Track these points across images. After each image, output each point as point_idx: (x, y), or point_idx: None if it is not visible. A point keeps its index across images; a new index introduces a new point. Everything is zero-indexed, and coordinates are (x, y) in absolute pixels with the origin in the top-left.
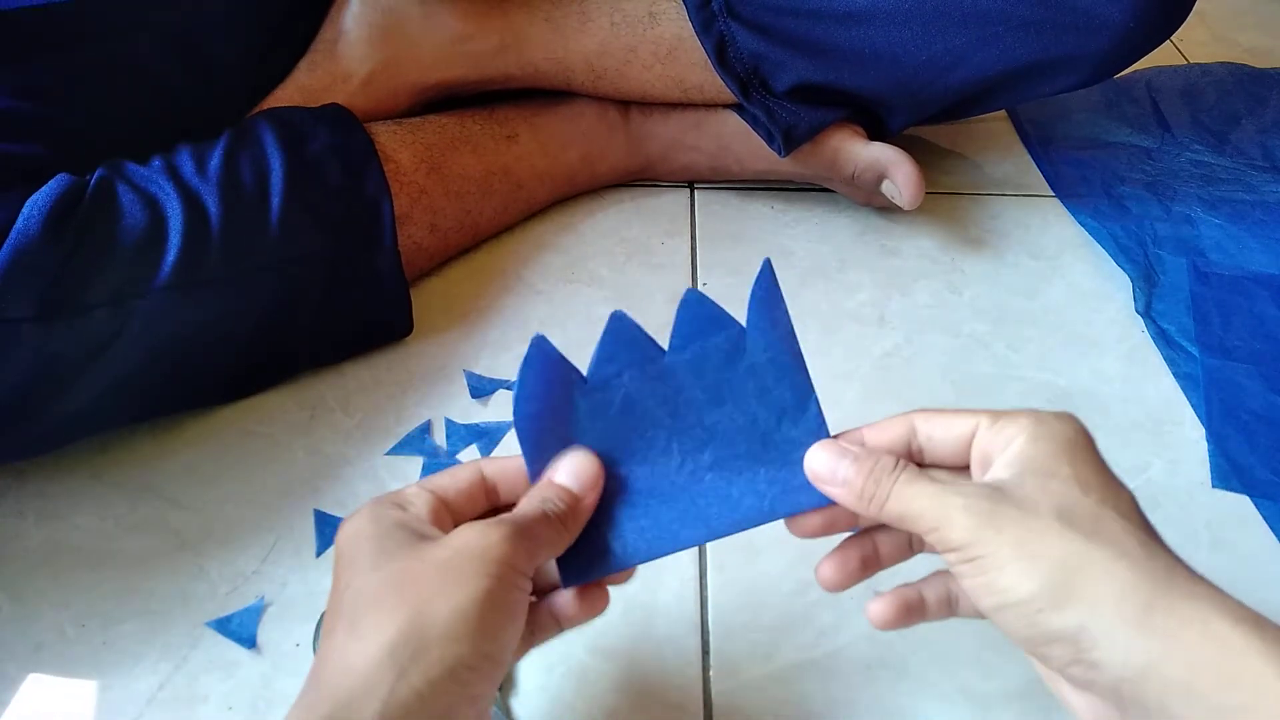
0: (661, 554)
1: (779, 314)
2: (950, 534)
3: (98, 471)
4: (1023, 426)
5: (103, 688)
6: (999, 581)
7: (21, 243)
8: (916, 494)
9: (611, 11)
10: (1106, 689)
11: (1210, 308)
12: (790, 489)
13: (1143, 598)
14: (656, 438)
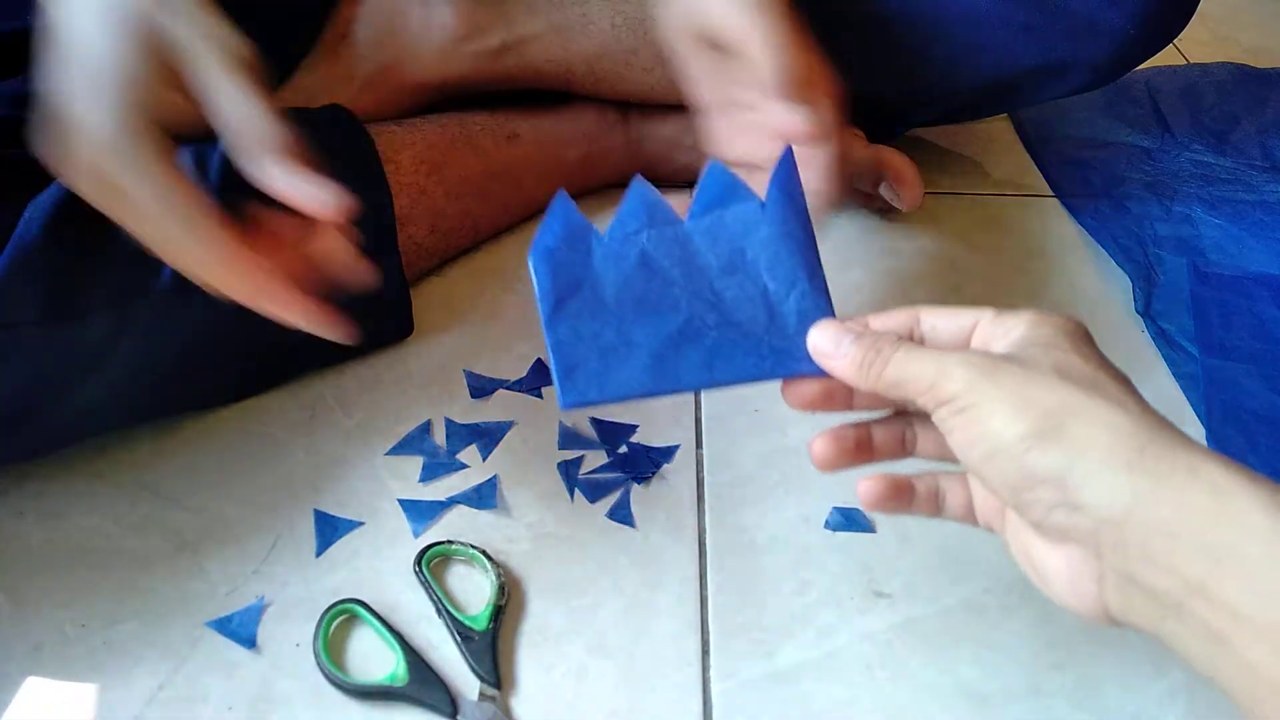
0: (658, 391)
1: (796, 195)
2: (946, 386)
3: (98, 471)
4: (1024, 318)
5: (102, 688)
6: (991, 426)
7: (22, 247)
8: (916, 358)
9: (613, 14)
10: (1087, 534)
11: (1210, 308)
12: (790, 357)
13: (1135, 442)
14: (667, 293)
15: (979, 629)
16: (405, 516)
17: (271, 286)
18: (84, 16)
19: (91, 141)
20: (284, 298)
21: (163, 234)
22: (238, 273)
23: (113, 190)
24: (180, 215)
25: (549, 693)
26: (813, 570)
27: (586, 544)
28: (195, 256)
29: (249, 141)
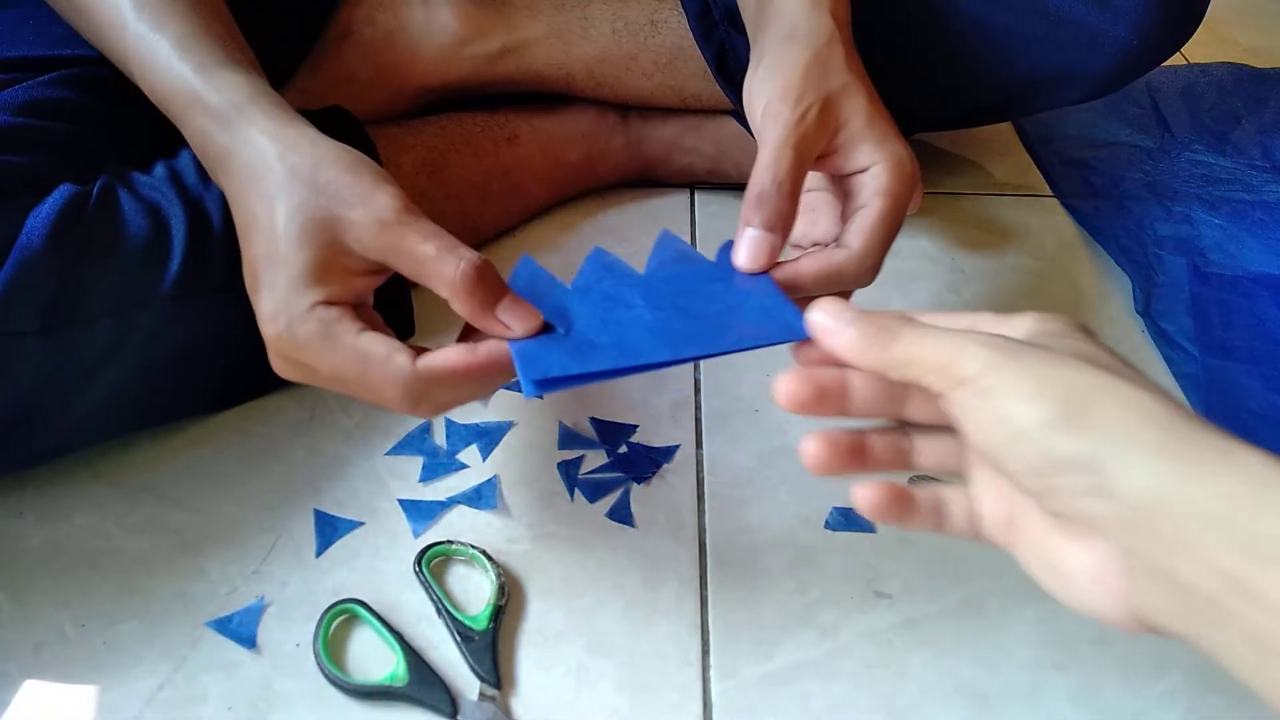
0: (624, 364)
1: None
2: (964, 365)
3: (98, 472)
4: (1029, 315)
5: (103, 688)
6: (1013, 408)
7: (25, 256)
8: (929, 335)
9: (614, 19)
10: (1116, 523)
11: (1210, 308)
12: (762, 330)
13: (1163, 425)
14: (631, 312)
15: (979, 629)
16: (405, 516)
17: (459, 383)
18: (263, 220)
19: (273, 334)
20: (482, 390)
21: (355, 393)
22: (433, 400)
23: (303, 367)
24: (357, 377)
25: (549, 693)
26: (813, 570)
27: (586, 544)
28: (391, 401)
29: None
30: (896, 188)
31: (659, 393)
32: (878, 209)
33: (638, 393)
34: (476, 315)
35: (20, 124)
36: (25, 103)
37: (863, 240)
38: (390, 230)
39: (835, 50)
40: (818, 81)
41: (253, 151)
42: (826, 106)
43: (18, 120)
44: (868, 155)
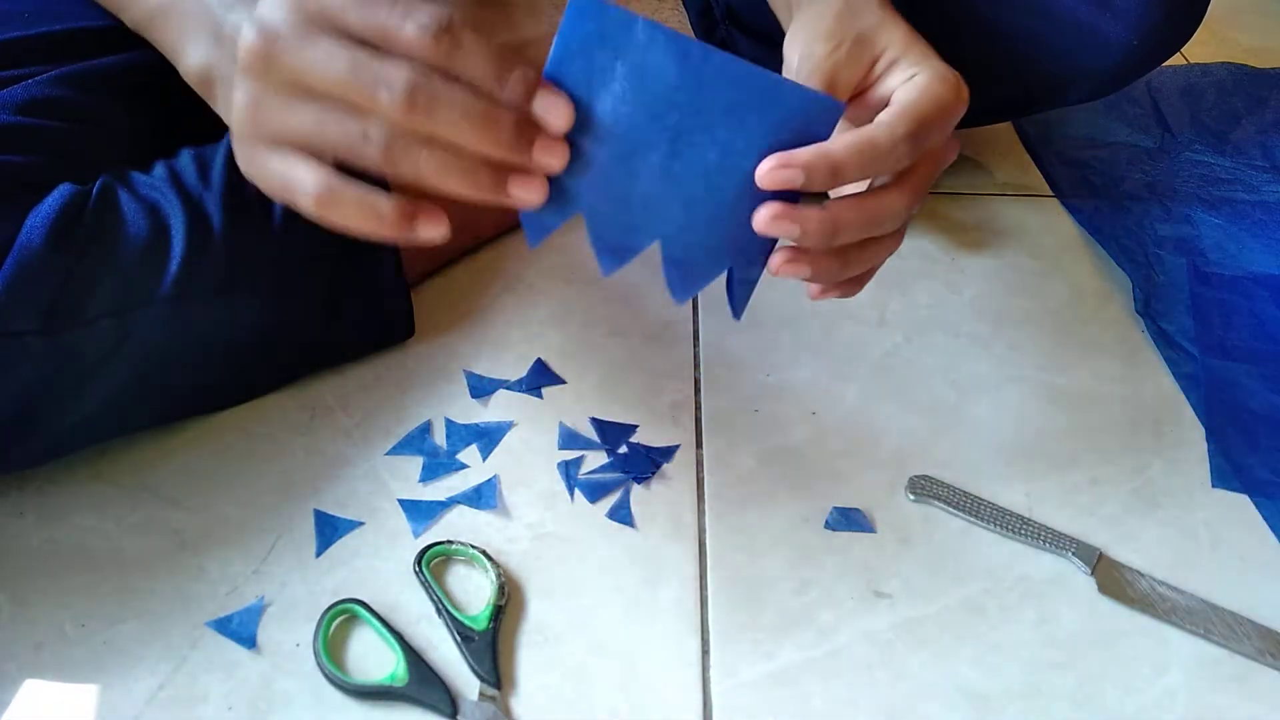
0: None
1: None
2: None
3: (98, 472)
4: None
5: (103, 688)
6: None
7: (25, 256)
8: None
9: None
10: None
11: (1210, 308)
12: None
13: None
14: (650, 168)
15: (979, 629)
16: (405, 516)
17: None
18: None
19: (266, 27)
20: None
21: (341, 114)
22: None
23: (286, 77)
24: (359, 64)
25: (549, 693)
26: (813, 570)
27: (586, 544)
28: (406, 38)
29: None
30: (936, 86)
31: (659, 393)
32: (914, 94)
33: (638, 393)
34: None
35: (20, 123)
36: (25, 101)
37: (892, 113)
38: None
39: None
40: (849, 22)
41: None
42: (860, 41)
43: (17, 119)
44: (906, 71)
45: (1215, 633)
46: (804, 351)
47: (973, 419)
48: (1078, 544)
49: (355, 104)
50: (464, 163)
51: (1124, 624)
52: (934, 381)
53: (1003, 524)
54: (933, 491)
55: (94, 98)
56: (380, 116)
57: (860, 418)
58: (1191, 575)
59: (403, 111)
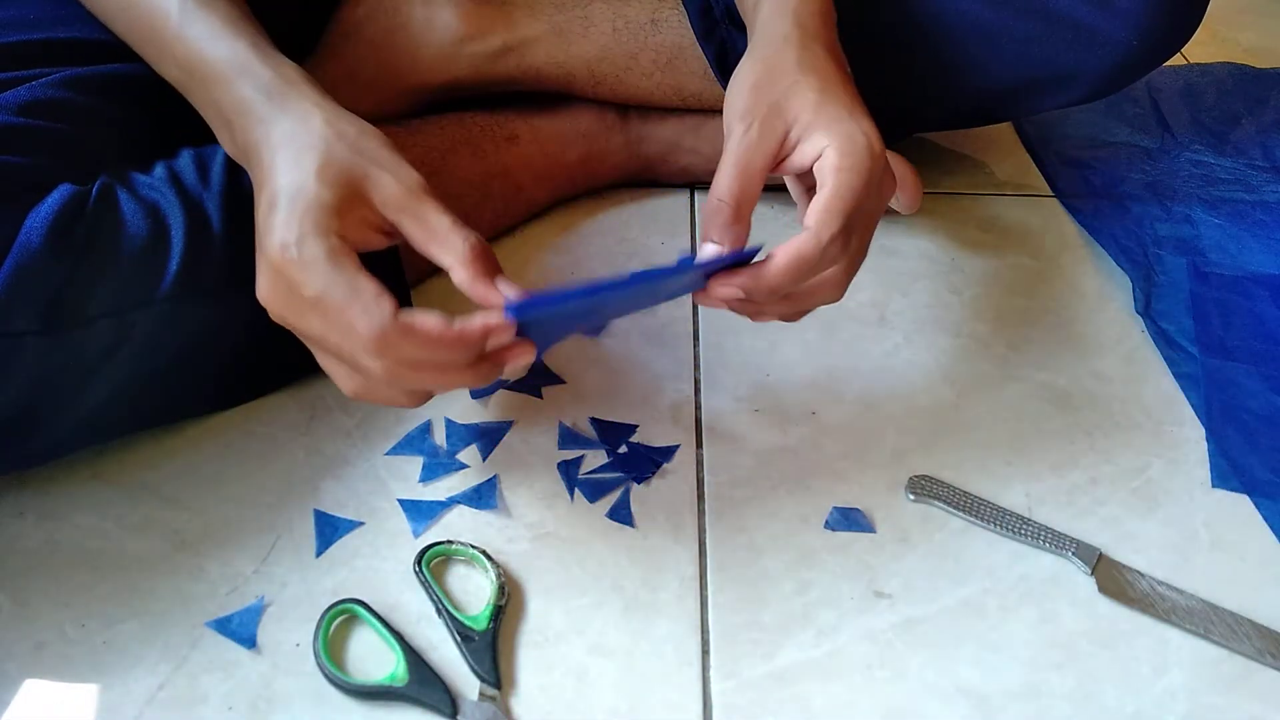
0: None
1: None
2: None
3: (97, 471)
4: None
5: (103, 688)
6: None
7: (24, 256)
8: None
9: (614, 17)
10: None
11: (1210, 308)
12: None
13: None
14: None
15: (979, 629)
16: (405, 516)
17: (428, 348)
18: (296, 163)
19: (277, 243)
20: (446, 378)
21: (324, 329)
22: (395, 357)
23: (289, 289)
24: (338, 306)
25: (549, 693)
26: (813, 570)
27: (586, 544)
28: (357, 338)
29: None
30: (847, 161)
31: (659, 393)
32: (829, 187)
33: (638, 393)
34: (477, 284)
35: (21, 124)
36: (26, 103)
37: (816, 218)
38: (414, 196)
39: (785, 54)
40: (764, 93)
41: (299, 117)
42: (771, 113)
43: (18, 120)
44: (818, 142)
45: (1215, 633)
46: (804, 352)
47: (973, 419)
48: (1078, 544)
49: None
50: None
51: (1124, 624)
52: (934, 381)
53: (1003, 524)
54: (933, 491)
55: (95, 100)
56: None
57: (860, 418)
58: (1192, 575)
59: (379, 389)
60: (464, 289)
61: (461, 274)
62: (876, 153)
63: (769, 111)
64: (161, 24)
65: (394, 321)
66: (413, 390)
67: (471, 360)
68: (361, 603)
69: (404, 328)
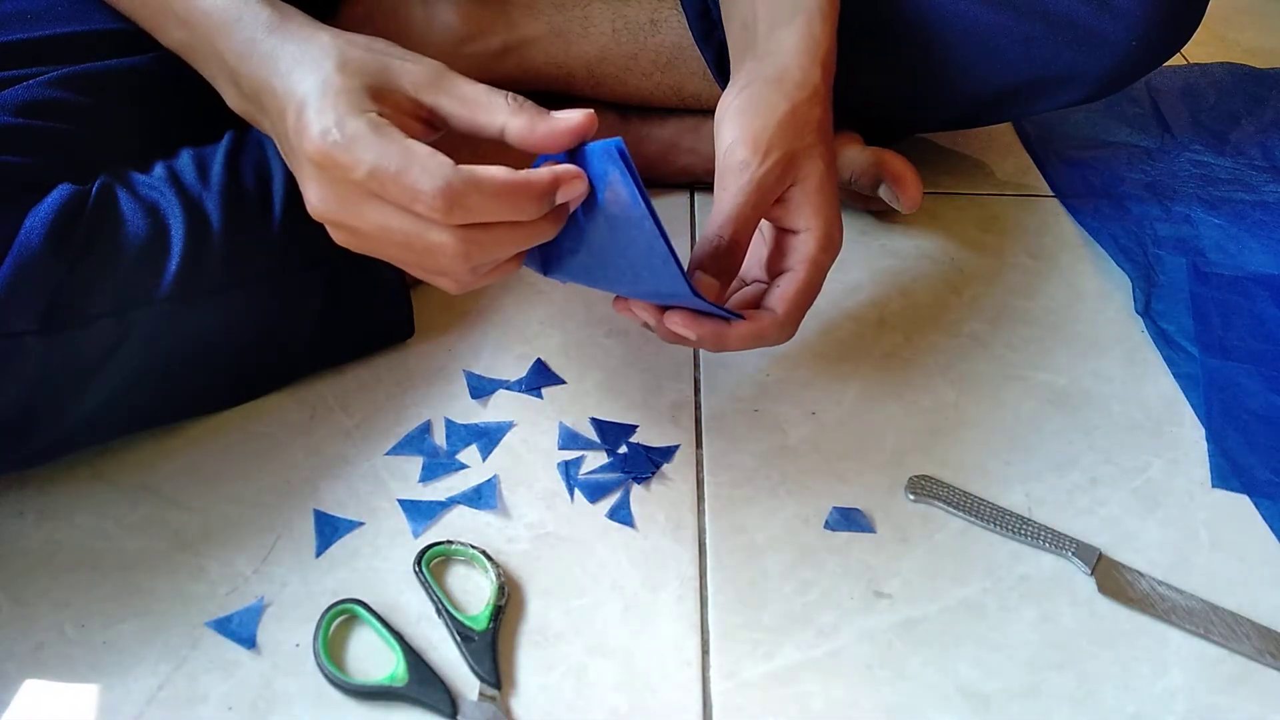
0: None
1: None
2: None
3: (98, 471)
4: None
5: (103, 688)
6: None
7: (24, 256)
8: None
9: (614, 18)
10: None
11: (1210, 308)
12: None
13: None
14: (583, 253)
15: (979, 629)
16: (405, 516)
17: (498, 201)
18: (315, 69)
19: (315, 133)
20: (505, 203)
21: (388, 212)
22: (468, 225)
23: (340, 182)
24: (395, 172)
25: (549, 693)
26: (813, 570)
27: (586, 544)
28: (422, 198)
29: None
30: (822, 258)
31: (659, 393)
32: (802, 277)
33: (638, 393)
34: (536, 129)
35: (19, 124)
36: (25, 103)
37: (786, 307)
38: (443, 75)
39: (814, 108)
40: (790, 136)
41: (304, 36)
42: (790, 161)
43: (17, 121)
44: (806, 219)
45: (1215, 633)
46: (804, 352)
47: (973, 419)
48: (1077, 544)
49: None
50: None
51: (1124, 624)
52: (934, 381)
53: (1002, 524)
54: (933, 491)
55: (93, 99)
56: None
57: (860, 418)
58: (1191, 575)
59: (461, 256)
60: (521, 140)
61: (516, 124)
62: (835, 253)
63: (789, 159)
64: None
65: (458, 173)
66: (486, 268)
67: (543, 212)
68: (361, 603)
69: (470, 178)
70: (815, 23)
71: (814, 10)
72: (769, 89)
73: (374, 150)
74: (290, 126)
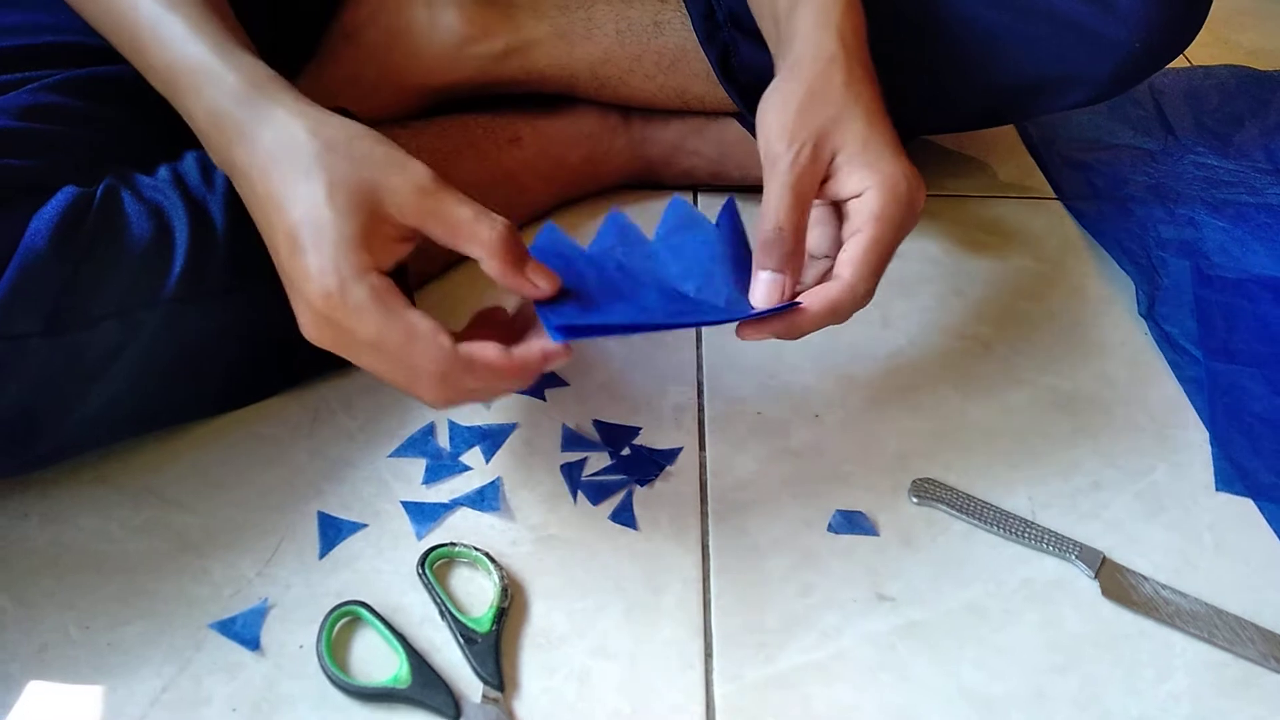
0: (631, 320)
1: (739, 226)
2: None
3: (101, 474)
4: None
5: (107, 689)
6: None
7: (28, 259)
8: None
9: (617, 19)
10: None
11: (1214, 311)
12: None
13: None
14: (639, 289)
15: (982, 632)
16: (408, 518)
17: (492, 387)
18: (301, 189)
19: (319, 293)
20: (501, 388)
21: (386, 367)
22: (461, 387)
23: (341, 331)
24: (398, 348)
25: (552, 695)
26: (816, 573)
27: (589, 546)
28: (422, 379)
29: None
30: (888, 211)
31: (662, 395)
32: (868, 236)
33: (641, 395)
34: (508, 273)
35: (24, 128)
36: (29, 107)
37: (853, 270)
38: (429, 196)
39: (833, 75)
40: (812, 116)
41: (278, 126)
42: (820, 140)
43: (21, 124)
44: (860, 180)
45: (1220, 637)
46: (807, 354)
47: (976, 422)
48: (1081, 547)
49: None
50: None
51: (1128, 628)
52: (937, 384)
53: (1006, 527)
54: (936, 494)
55: (97, 103)
56: None
57: (863, 421)
58: (1195, 579)
59: (442, 406)
60: (496, 278)
61: (492, 265)
62: (915, 199)
63: (817, 137)
64: (134, 29)
65: (455, 357)
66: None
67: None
68: (365, 605)
69: (466, 362)
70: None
71: None
72: (789, 76)
73: (376, 325)
74: (283, 251)
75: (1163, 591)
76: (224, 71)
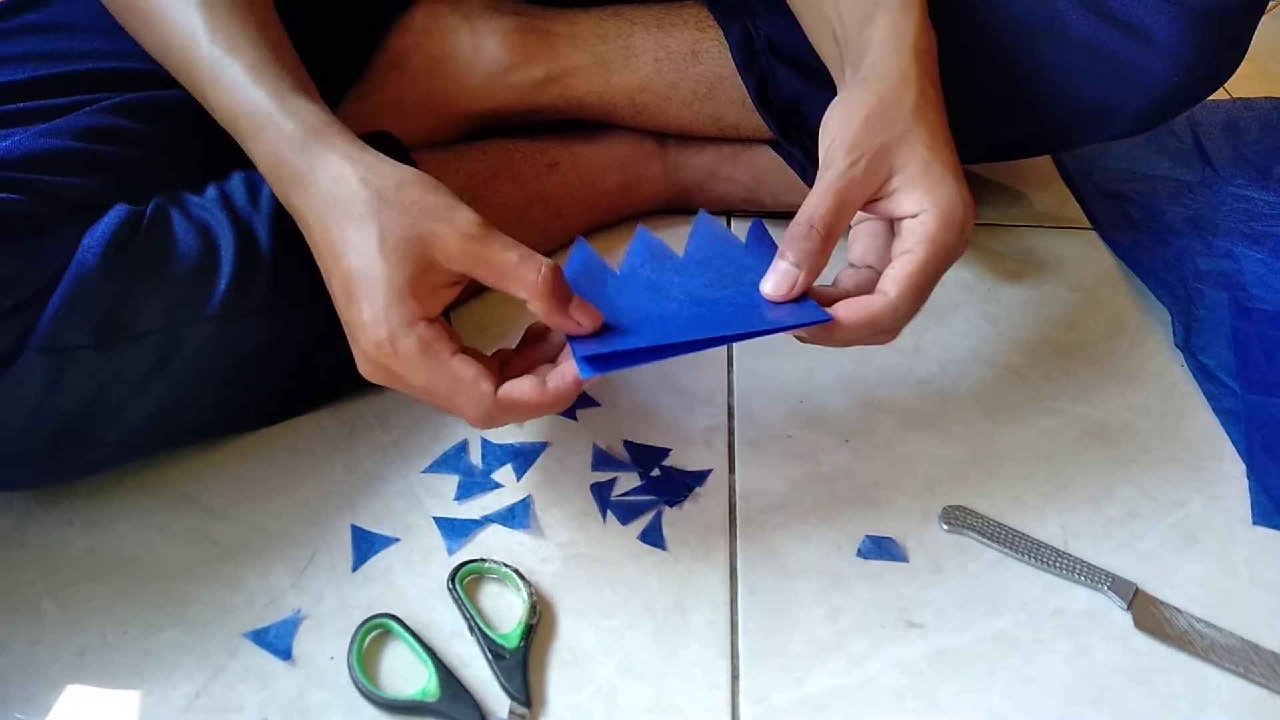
0: (662, 340)
1: (769, 243)
2: None
3: (142, 482)
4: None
5: (142, 694)
6: None
7: (80, 274)
8: None
9: (655, 48)
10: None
11: (1252, 343)
12: (797, 313)
13: None
14: (671, 305)
15: (1012, 661)
16: (440, 534)
17: (529, 412)
18: (355, 239)
19: (371, 342)
20: (535, 413)
21: (433, 404)
22: (502, 421)
23: (392, 375)
24: (445, 393)
25: (578, 712)
26: (844, 597)
27: (618, 565)
28: (467, 417)
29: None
30: (941, 235)
31: (692, 417)
32: (918, 258)
33: (671, 417)
34: (553, 313)
35: (81, 148)
36: (86, 129)
37: (898, 289)
38: (475, 242)
39: (905, 94)
40: (877, 129)
41: (333, 174)
42: (880, 154)
43: (79, 145)
44: (917, 201)
45: (1255, 672)
46: (838, 379)
47: (1008, 450)
48: (1114, 578)
49: None
50: None
51: (1161, 661)
52: (969, 412)
53: (1037, 556)
54: (967, 522)
55: (150, 126)
56: None
57: (894, 446)
58: (1231, 613)
59: (484, 429)
60: (542, 319)
61: (538, 307)
62: (968, 225)
63: (878, 152)
64: (195, 70)
65: (495, 401)
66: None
67: (559, 401)
68: (395, 618)
69: (507, 404)
70: (897, 12)
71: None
72: (858, 89)
73: (424, 375)
74: (339, 298)
75: (1197, 625)
76: (281, 119)
